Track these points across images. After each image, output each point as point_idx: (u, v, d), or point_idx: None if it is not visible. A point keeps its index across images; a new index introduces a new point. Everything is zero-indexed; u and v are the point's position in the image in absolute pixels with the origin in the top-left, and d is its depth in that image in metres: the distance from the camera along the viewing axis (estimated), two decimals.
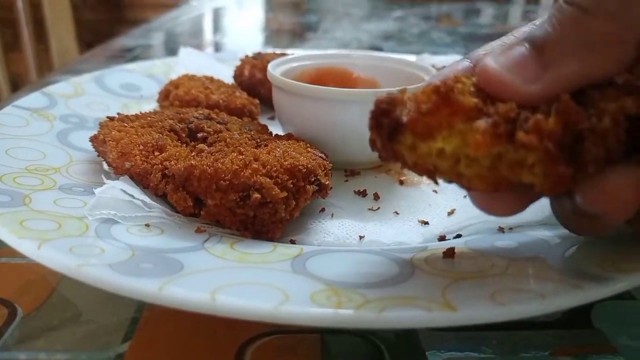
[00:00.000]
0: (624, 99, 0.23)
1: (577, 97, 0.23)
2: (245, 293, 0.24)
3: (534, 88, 0.23)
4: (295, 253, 0.30)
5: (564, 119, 0.22)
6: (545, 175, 0.22)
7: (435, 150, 0.23)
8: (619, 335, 0.29)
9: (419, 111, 0.23)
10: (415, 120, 0.23)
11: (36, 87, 0.53)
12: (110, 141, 0.38)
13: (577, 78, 0.24)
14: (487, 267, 0.28)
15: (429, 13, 1.57)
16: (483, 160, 0.23)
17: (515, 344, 0.29)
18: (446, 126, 0.23)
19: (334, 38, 1.18)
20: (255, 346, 0.28)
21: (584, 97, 0.23)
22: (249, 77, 0.61)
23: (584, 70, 0.24)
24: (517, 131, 0.22)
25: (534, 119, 0.22)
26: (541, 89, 0.23)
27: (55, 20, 1.82)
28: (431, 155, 0.23)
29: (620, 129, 0.23)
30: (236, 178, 0.32)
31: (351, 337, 0.29)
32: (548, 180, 0.22)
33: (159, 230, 0.31)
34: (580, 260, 0.27)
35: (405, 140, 0.24)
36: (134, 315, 0.30)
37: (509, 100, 0.24)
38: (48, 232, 0.28)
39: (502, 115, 0.23)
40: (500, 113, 0.23)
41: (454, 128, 0.23)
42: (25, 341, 0.28)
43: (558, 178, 0.22)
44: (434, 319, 0.23)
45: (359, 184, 0.43)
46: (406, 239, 0.35)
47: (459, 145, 0.23)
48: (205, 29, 1.36)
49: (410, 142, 0.24)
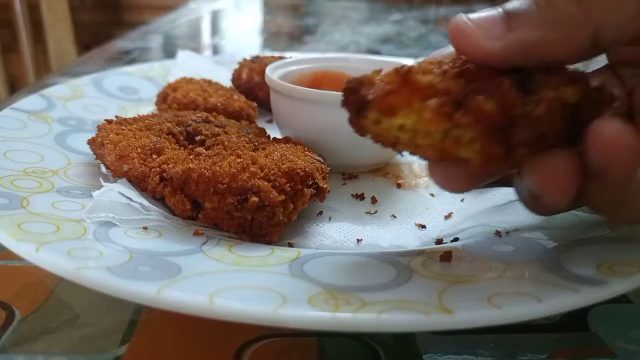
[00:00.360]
0: (563, 88, 0.25)
1: (524, 81, 0.25)
2: (243, 296, 0.25)
3: (494, 45, 0.25)
4: (293, 256, 0.30)
5: (501, 103, 0.24)
6: (479, 153, 0.25)
7: (397, 125, 0.26)
8: (616, 339, 0.30)
9: (382, 90, 0.26)
10: (379, 99, 0.26)
11: (34, 89, 0.54)
12: (109, 144, 0.38)
13: (534, 49, 0.25)
14: (483, 270, 0.28)
15: (427, 16, 1.57)
16: (435, 133, 0.25)
17: (512, 347, 0.29)
18: (406, 104, 0.25)
19: (332, 41, 1.18)
20: (252, 349, 0.28)
21: (531, 81, 0.25)
22: (247, 80, 0.61)
23: (542, 44, 0.25)
24: (458, 111, 0.24)
25: (475, 100, 0.24)
26: (500, 47, 0.25)
27: (53, 22, 1.82)
28: (393, 129, 0.26)
29: (556, 117, 0.24)
30: (234, 181, 0.32)
31: (349, 341, 0.29)
32: (481, 157, 0.25)
33: (157, 233, 0.32)
34: (577, 264, 0.28)
35: (371, 116, 0.26)
36: (132, 318, 0.30)
37: (471, 55, 0.26)
38: (46, 234, 0.28)
39: (453, 94, 0.25)
40: (451, 91, 0.25)
41: (412, 106, 0.25)
42: (23, 344, 0.28)
43: (489, 156, 0.25)
44: (431, 322, 0.23)
45: (356, 188, 0.43)
46: (403, 242, 0.35)
47: (416, 120, 0.25)
48: (204, 32, 1.37)
49: (375, 117, 0.26)
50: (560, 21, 0.25)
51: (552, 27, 0.25)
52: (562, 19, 0.25)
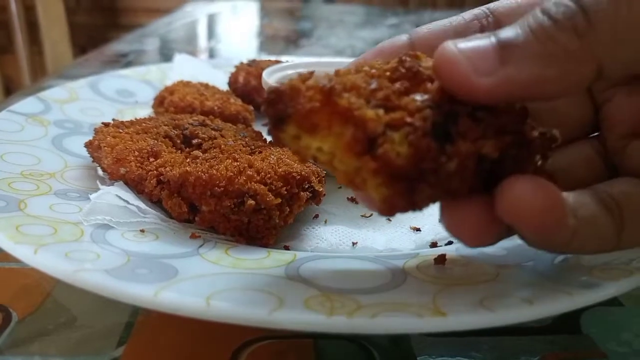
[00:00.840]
0: (483, 142, 0.23)
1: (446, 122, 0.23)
2: (239, 298, 0.25)
3: (484, 81, 0.23)
4: (289, 259, 0.30)
5: (414, 152, 0.22)
6: (383, 199, 0.23)
7: (315, 146, 0.25)
8: (608, 341, 0.30)
9: (303, 107, 0.24)
10: (299, 116, 0.24)
11: (30, 92, 0.54)
12: (106, 147, 0.38)
13: (529, 86, 0.23)
14: (477, 273, 0.28)
15: (422, 20, 1.58)
16: (348, 164, 0.24)
17: (505, 349, 0.29)
18: (325, 125, 0.24)
19: (328, 45, 1.19)
20: (249, 351, 0.28)
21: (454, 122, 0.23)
22: (243, 83, 0.62)
23: (538, 81, 0.23)
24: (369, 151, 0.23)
25: (384, 148, 0.22)
26: (491, 84, 0.23)
27: (49, 23, 1.81)
28: (311, 148, 0.25)
29: (468, 173, 0.23)
30: (231, 184, 0.33)
31: (344, 343, 0.30)
32: (384, 203, 0.23)
33: (154, 236, 0.32)
34: (569, 267, 0.28)
35: (290, 131, 0.25)
36: (129, 320, 0.30)
37: (455, 90, 0.23)
38: (44, 237, 0.29)
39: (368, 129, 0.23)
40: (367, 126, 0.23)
41: (331, 129, 0.24)
42: (20, 346, 0.28)
43: (392, 204, 0.23)
44: (425, 324, 0.23)
45: (352, 191, 0.43)
46: (398, 245, 0.36)
47: (333, 145, 0.24)
48: (200, 35, 1.37)
49: (294, 133, 0.25)
50: (560, 57, 0.23)
51: (551, 63, 0.23)
52: (563, 55, 0.23)
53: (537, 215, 0.22)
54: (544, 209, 0.22)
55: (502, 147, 0.23)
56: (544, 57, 0.23)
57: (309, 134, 0.24)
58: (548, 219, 0.22)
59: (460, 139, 0.23)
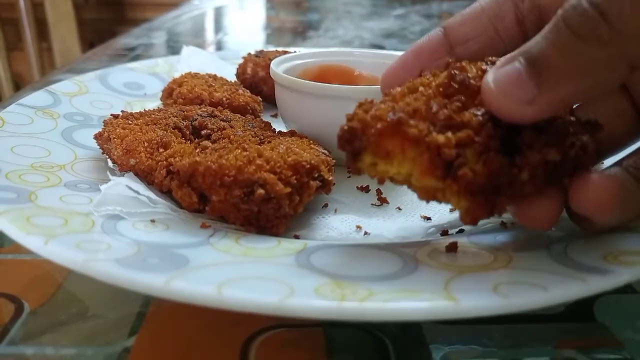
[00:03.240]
0: (547, 150, 0.26)
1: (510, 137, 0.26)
2: (250, 287, 0.25)
3: (529, 110, 0.25)
4: (300, 247, 0.30)
5: (490, 170, 0.25)
6: (466, 210, 0.26)
7: (393, 171, 0.27)
8: (623, 329, 0.30)
9: (376, 136, 0.26)
10: (374, 145, 0.27)
11: (39, 86, 0.54)
12: (115, 138, 0.38)
13: (570, 100, 0.26)
14: (489, 260, 0.28)
15: (430, 11, 1.57)
16: (429, 182, 0.27)
17: (518, 337, 0.29)
18: (399, 152, 0.26)
19: (336, 36, 1.18)
20: (260, 340, 0.28)
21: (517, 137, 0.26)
22: (251, 75, 0.62)
23: (577, 93, 0.25)
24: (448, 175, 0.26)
25: (463, 172, 0.25)
26: (535, 110, 0.25)
27: (57, 19, 1.82)
28: (389, 172, 0.27)
29: (539, 178, 0.26)
30: (240, 174, 0.33)
31: (355, 331, 0.29)
32: (467, 214, 0.27)
33: (165, 226, 0.32)
34: (583, 254, 0.28)
35: (367, 160, 0.27)
36: (140, 310, 0.30)
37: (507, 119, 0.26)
38: (55, 228, 0.29)
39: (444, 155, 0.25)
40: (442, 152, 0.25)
41: (405, 154, 0.26)
42: (32, 337, 0.29)
43: (474, 214, 0.26)
44: (438, 311, 0.23)
45: (361, 180, 0.43)
46: (409, 234, 0.35)
47: (410, 169, 0.27)
48: (207, 28, 1.37)
49: (371, 161, 0.27)
50: (591, 68, 0.24)
51: (584, 76, 0.24)
52: (593, 66, 0.24)
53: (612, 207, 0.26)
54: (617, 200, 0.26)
55: (564, 151, 0.26)
56: (576, 72, 0.24)
57: (385, 160, 0.27)
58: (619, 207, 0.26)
59: (528, 149, 0.26)
